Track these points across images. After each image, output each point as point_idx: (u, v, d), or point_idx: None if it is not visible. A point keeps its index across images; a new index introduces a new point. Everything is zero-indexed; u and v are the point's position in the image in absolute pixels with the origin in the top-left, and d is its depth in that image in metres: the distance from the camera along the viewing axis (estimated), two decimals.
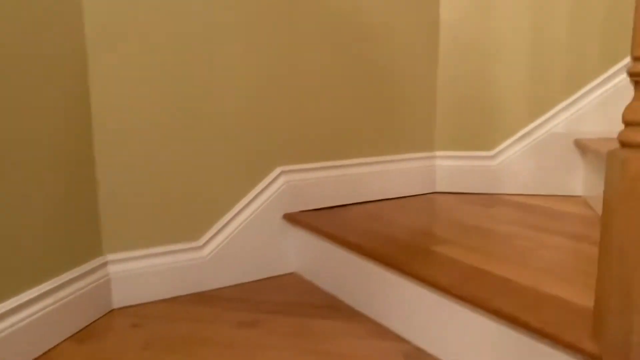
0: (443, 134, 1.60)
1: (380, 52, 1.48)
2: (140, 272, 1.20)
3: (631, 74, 0.61)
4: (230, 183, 1.30)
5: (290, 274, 1.39)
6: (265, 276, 1.36)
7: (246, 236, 1.32)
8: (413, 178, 1.58)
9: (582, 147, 1.46)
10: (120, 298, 1.19)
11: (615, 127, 1.47)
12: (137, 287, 1.20)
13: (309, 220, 1.32)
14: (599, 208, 1.36)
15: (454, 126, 1.59)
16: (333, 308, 1.16)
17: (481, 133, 1.57)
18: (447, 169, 1.61)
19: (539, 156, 1.53)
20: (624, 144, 0.62)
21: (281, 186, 1.36)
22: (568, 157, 1.51)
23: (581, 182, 1.52)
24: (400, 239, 1.14)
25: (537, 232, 1.18)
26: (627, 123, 0.62)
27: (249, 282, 1.33)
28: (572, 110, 1.50)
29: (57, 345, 1.02)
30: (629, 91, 1.44)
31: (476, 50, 1.53)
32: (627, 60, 1.44)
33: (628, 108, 0.62)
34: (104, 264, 1.16)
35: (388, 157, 1.54)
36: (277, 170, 1.36)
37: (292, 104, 1.36)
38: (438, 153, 1.61)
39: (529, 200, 1.49)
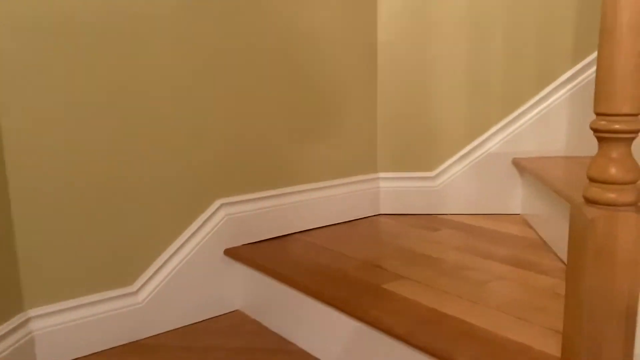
0: (385, 155, 1.58)
1: (320, 75, 1.43)
2: (68, 325, 1.08)
3: (595, 130, 0.60)
4: (165, 219, 1.21)
5: (234, 312, 1.31)
6: (207, 317, 1.28)
7: (185, 276, 1.23)
8: (357, 201, 1.55)
9: (519, 166, 1.48)
10: (46, 357, 1.06)
11: (550, 146, 1.50)
12: (65, 342, 1.08)
13: (253, 255, 1.25)
14: (538, 227, 1.39)
15: (395, 147, 1.58)
16: (284, 352, 1.10)
17: (422, 154, 1.57)
18: (391, 190, 1.59)
19: (478, 176, 1.54)
20: (590, 201, 0.61)
21: (222, 219, 1.28)
22: (507, 177, 1.54)
23: (520, 200, 1.54)
24: (350, 275, 1.10)
25: (485, 259, 1.18)
26: (593, 179, 0.60)
27: (191, 325, 1.24)
28: (510, 129, 1.52)
29: None
30: (564, 110, 1.48)
31: (414, 71, 1.52)
32: (561, 80, 1.48)
33: (593, 164, 0.60)
34: (26, 321, 1.04)
35: (332, 182, 1.49)
36: (217, 203, 1.28)
37: (230, 130, 1.29)
38: (381, 174, 1.59)
39: (472, 221, 1.50)
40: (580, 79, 1.47)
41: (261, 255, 1.25)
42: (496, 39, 1.48)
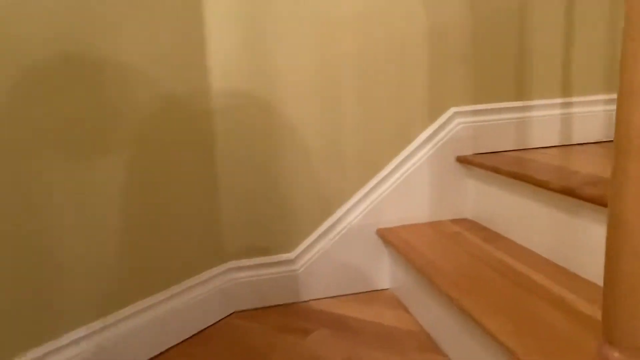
0: (234, 242, 1.31)
1: (146, 156, 1.10)
2: None
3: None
4: None
5: None
6: None
7: None
8: (206, 304, 1.25)
9: (383, 237, 1.34)
10: None
11: (413, 212, 1.38)
12: None
13: None
14: (410, 305, 1.26)
15: (245, 230, 1.31)
16: None
17: (277, 235, 1.33)
18: (245, 281, 1.32)
19: (342, 252, 1.36)
20: None
21: None
22: (372, 249, 1.38)
23: (387, 274, 1.40)
24: None
25: None
26: None
27: None
28: (370, 199, 1.36)
29: None
30: (424, 173, 1.37)
31: (259, 139, 1.28)
32: (418, 142, 1.36)
33: None
34: None
35: (166, 293, 1.17)
36: None
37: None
38: (231, 264, 1.31)
39: (343, 309, 1.30)
40: (436, 139, 1.37)
41: None
42: (350, 101, 1.31)
